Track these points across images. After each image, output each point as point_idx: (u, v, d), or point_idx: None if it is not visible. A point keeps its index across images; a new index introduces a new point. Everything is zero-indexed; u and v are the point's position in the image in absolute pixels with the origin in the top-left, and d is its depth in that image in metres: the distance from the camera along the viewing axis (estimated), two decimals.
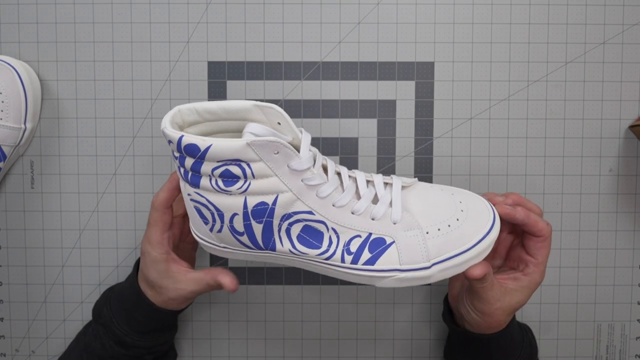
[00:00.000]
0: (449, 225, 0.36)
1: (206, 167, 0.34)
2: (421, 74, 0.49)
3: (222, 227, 0.37)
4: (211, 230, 0.37)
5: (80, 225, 0.50)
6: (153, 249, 0.40)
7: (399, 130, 0.49)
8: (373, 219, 0.36)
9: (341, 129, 0.49)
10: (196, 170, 0.34)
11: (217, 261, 0.51)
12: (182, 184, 0.37)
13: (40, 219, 0.50)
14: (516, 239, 0.42)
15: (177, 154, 0.35)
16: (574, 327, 0.51)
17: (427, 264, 0.36)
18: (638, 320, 0.51)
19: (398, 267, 0.36)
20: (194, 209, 0.37)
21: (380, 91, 0.49)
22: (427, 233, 0.36)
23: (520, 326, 0.45)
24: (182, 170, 0.35)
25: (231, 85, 0.49)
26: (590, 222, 0.50)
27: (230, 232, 0.37)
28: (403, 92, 0.49)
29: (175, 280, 0.40)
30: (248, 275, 0.50)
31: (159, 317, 0.42)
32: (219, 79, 0.49)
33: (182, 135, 0.33)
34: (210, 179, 0.34)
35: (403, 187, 0.39)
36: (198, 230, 0.39)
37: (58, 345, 0.51)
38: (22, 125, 0.46)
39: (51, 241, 0.50)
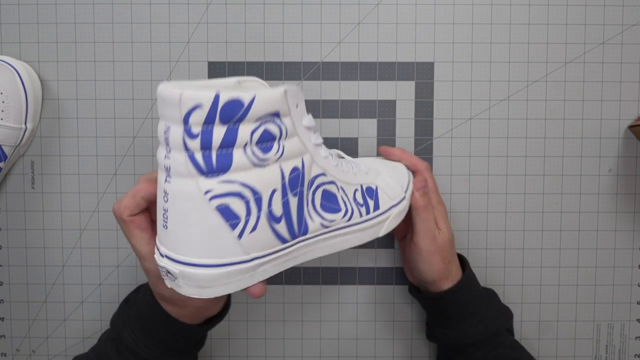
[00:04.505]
0: (388, 171, 0.42)
1: (244, 132, 0.28)
2: (421, 74, 0.49)
3: (258, 219, 0.30)
4: (241, 234, 0.30)
5: (81, 225, 0.50)
6: (149, 262, 0.34)
7: (399, 131, 0.49)
8: (355, 174, 0.38)
9: (341, 129, 0.49)
10: (228, 144, 0.28)
11: None
12: (193, 187, 0.28)
13: (41, 219, 0.50)
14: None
15: (198, 130, 0.27)
16: (574, 327, 0.51)
17: (403, 194, 0.41)
18: (637, 320, 0.51)
19: (392, 203, 0.40)
20: (217, 214, 0.29)
21: (380, 91, 0.49)
22: (388, 173, 0.42)
23: (487, 290, 0.46)
24: (197, 161, 0.28)
25: None
26: (589, 222, 0.50)
27: (268, 222, 0.31)
28: (403, 92, 0.49)
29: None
30: None
31: (190, 334, 0.38)
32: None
33: (218, 93, 0.27)
34: (246, 149, 0.29)
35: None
36: (212, 253, 0.30)
37: (58, 344, 0.51)
38: (23, 126, 0.46)
39: (52, 241, 0.50)
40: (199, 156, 0.28)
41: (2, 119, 0.44)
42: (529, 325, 0.51)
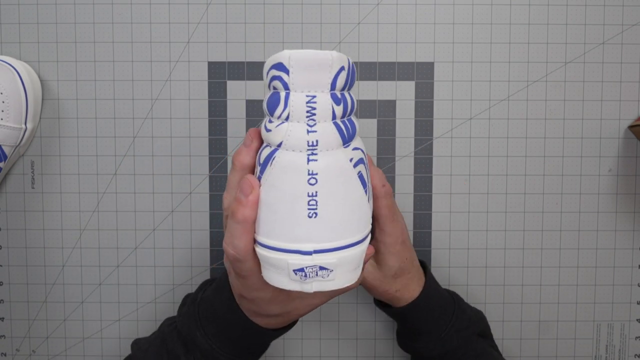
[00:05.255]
0: None
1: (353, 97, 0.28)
2: (421, 74, 0.49)
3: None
4: (369, 199, 0.28)
5: (81, 225, 0.50)
6: (253, 261, 0.29)
7: (399, 130, 0.49)
8: None
9: None
10: (353, 109, 0.27)
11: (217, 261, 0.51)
12: (343, 158, 0.26)
13: (41, 218, 0.50)
14: None
15: (339, 95, 0.25)
16: (574, 327, 0.51)
17: None
18: (637, 320, 0.51)
19: None
20: (359, 182, 0.27)
21: (380, 91, 0.49)
22: None
23: (450, 294, 0.45)
24: (341, 129, 0.26)
25: (231, 85, 0.49)
26: (589, 222, 0.50)
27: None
28: (403, 92, 0.49)
29: (303, 294, 0.30)
30: None
31: (271, 338, 0.37)
32: (219, 79, 0.49)
33: (348, 57, 0.26)
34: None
35: None
36: (360, 226, 0.27)
37: (58, 344, 0.51)
38: (23, 126, 0.46)
39: (52, 241, 0.50)
40: (341, 124, 0.25)
41: (2, 119, 0.44)
42: (529, 325, 0.51)
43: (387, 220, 0.37)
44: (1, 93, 0.44)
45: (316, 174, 0.25)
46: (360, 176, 0.27)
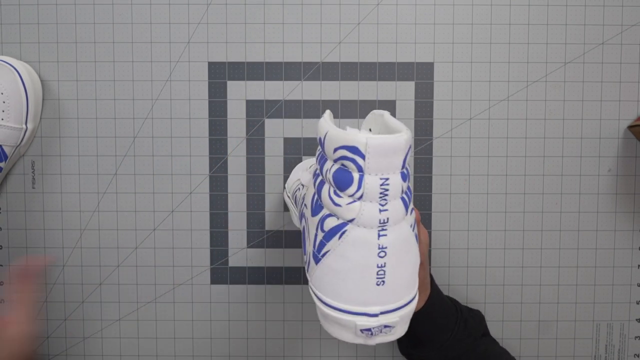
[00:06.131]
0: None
1: None
2: (421, 75, 0.49)
3: None
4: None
5: (81, 225, 0.50)
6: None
7: None
8: None
9: None
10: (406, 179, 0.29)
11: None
12: (407, 227, 0.28)
13: (41, 218, 0.50)
14: None
15: (404, 170, 0.27)
16: (573, 327, 0.51)
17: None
18: (637, 319, 0.51)
19: None
20: (416, 243, 0.30)
21: (380, 91, 0.49)
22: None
23: (453, 302, 0.45)
24: (406, 200, 0.28)
25: (231, 85, 0.49)
26: (589, 222, 0.50)
27: None
28: (403, 93, 0.49)
29: None
30: (248, 275, 0.51)
31: None
32: (219, 79, 0.49)
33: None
34: None
35: None
36: (415, 281, 0.31)
37: (58, 344, 0.51)
38: (23, 126, 0.46)
39: (52, 241, 0.50)
40: (405, 196, 0.27)
41: (3, 119, 0.44)
42: (529, 325, 0.51)
43: None
44: (2, 93, 0.44)
45: (386, 247, 0.27)
46: (416, 238, 0.29)
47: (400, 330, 0.29)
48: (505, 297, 0.50)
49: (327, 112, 0.31)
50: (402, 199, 0.27)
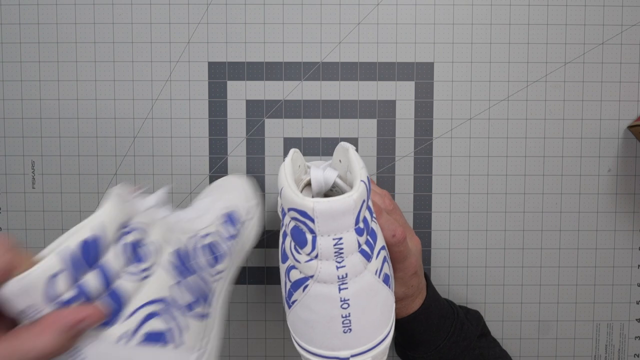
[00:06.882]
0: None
1: None
2: (421, 75, 0.49)
3: None
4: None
5: None
6: None
7: (399, 131, 0.50)
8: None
9: (341, 129, 0.49)
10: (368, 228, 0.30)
11: None
12: (370, 275, 0.28)
13: (41, 218, 0.50)
14: None
15: (361, 224, 0.27)
16: (573, 327, 0.51)
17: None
18: (637, 319, 0.51)
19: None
20: (383, 284, 0.30)
21: (380, 91, 0.49)
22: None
23: (450, 304, 0.44)
24: (366, 251, 0.28)
25: (231, 85, 0.49)
26: (589, 222, 0.50)
27: None
28: (403, 93, 0.49)
29: None
30: (248, 275, 0.51)
31: None
32: (220, 79, 0.49)
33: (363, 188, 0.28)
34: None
35: None
36: (388, 319, 0.31)
37: None
38: None
39: (52, 241, 0.50)
40: (366, 247, 0.28)
41: None
42: (529, 325, 0.51)
43: (398, 261, 0.37)
44: None
45: (348, 299, 0.28)
46: (386, 278, 0.29)
47: None
48: (505, 297, 0.50)
49: (291, 153, 0.30)
50: (362, 251, 0.27)
